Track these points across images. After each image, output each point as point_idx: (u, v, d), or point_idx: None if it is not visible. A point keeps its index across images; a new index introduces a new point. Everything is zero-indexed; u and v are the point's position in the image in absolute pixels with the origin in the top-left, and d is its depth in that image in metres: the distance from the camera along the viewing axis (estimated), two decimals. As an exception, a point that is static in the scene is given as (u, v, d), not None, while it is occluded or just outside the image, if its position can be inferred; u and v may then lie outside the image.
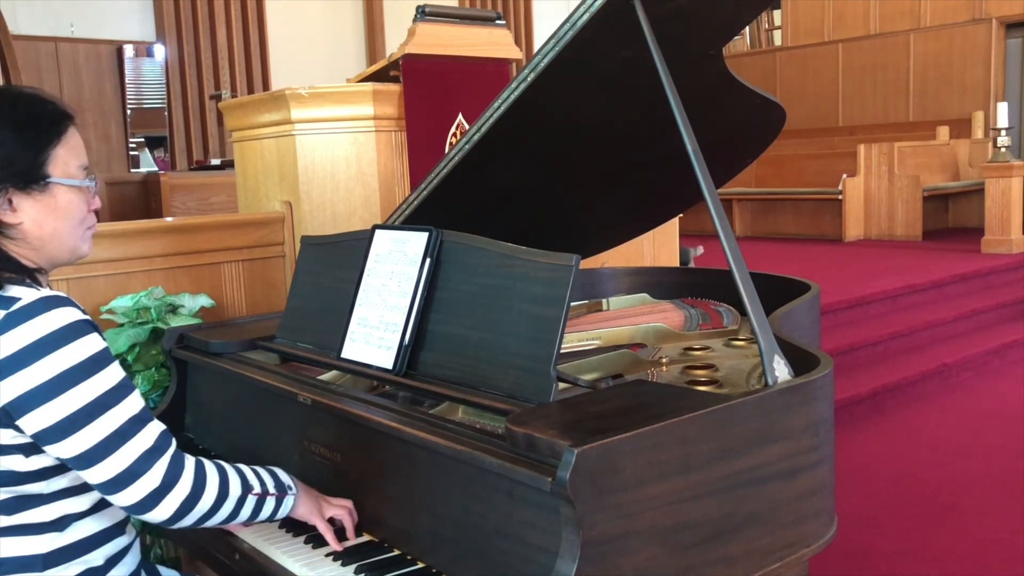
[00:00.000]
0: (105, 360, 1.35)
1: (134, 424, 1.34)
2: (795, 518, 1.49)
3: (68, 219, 1.43)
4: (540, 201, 2.28)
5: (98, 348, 1.35)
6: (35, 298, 1.32)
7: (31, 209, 1.39)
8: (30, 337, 1.29)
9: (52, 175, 1.40)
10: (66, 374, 1.30)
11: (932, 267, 6.69)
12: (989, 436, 4.20)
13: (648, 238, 3.78)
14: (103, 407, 1.32)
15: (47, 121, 1.41)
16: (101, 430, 1.31)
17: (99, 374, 1.33)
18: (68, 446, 1.31)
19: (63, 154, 1.41)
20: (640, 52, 1.72)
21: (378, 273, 1.86)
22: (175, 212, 5.80)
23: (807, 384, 1.51)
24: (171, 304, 2.58)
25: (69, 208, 1.42)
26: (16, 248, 1.39)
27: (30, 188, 1.38)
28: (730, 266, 1.60)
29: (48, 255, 1.43)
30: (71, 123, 1.45)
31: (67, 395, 1.30)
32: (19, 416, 1.30)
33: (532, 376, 1.51)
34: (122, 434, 1.33)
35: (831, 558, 2.89)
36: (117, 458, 1.32)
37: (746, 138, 2.44)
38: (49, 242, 1.42)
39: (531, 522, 1.29)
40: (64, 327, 1.31)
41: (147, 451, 1.34)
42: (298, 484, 1.57)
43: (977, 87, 10.28)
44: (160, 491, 1.34)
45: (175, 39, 8.56)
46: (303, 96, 2.91)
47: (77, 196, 1.44)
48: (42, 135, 1.40)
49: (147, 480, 1.33)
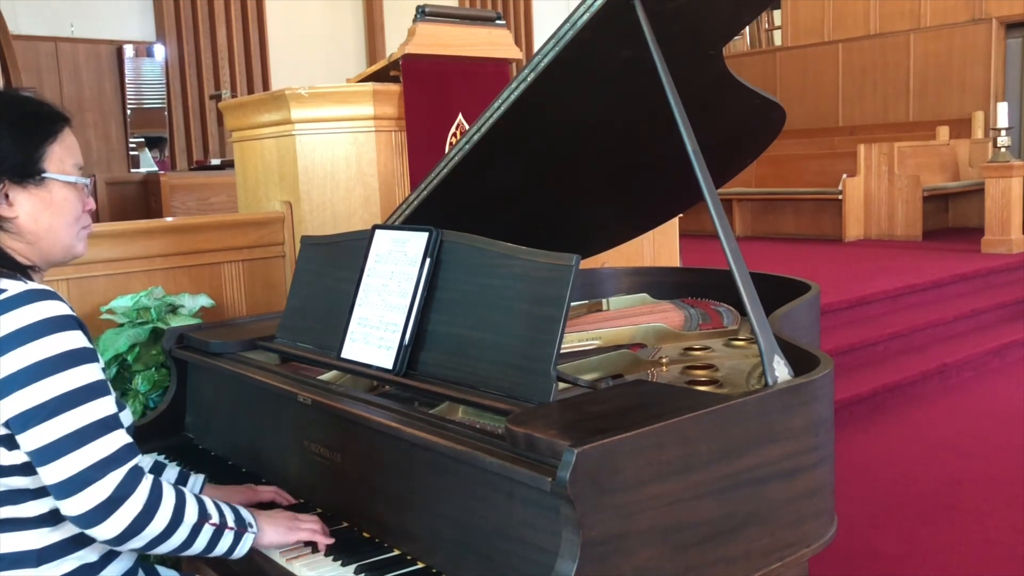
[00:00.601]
0: (83, 359, 1.34)
1: (97, 429, 1.32)
2: (795, 518, 1.49)
3: (63, 215, 1.45)
4: (540, 201, 2.28)
5: (77, 344, 1.34)
6: (21, 290, 1.33)
7: (27, 203, 1.41)
8: (11, 326, 1.30)
9: (48, 170, 1.42)
10: (41, 363, 1.30)
11: (932, 267, 6.69)
12: (989, 436, 4.20)
13: (648, 238, 3.78)
14: (69, 403, 1.31)
15: (44, 119, 1.45)
16: (63, 426, 1.30)
17: (73, 369, 1.32)
18: (30, 438, 1.30)
19: (59, 151, 1.44)
20: (640, 52, 1.72)
21: (378, 273, 1.86)
22: (175, 212, 5.80)
23: (807, 384, 1.51)
24: (171, 304, 2.58)
25: (64, 204, 1.45)
26: (11, 243, 1.41)
27: (26, 182, 1.41)
28: (730, 266, 1.60)
29: (43, 252, 1.45)
30: (67, 124, 1.48)
31: (37, 385, 1.29)
32: None
33: (532, 376, 1.51)
34: (82, 435, 1.30)
35: (831, 558, 2.89)
36: (72, 459, 1.29)
37: (746, 138, 2.44)
38: (44, 237, 1.43)
39: (531, 522, 1.29)
40: (46, 319, 1.32)
41: (104, 459, 1.31)
42: (260, 519, 1.52)
43: (977, 87, 10.28)
44: (110, 504, 1.29)
45: (175, 39, 8.57)
46: (303, 96, 2.91)
47: (72, 193, 1.46)
48: (39, 131, 1.43)
49: (97, 489, 1.29)
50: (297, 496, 1.76)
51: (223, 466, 2.00)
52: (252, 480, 1.86)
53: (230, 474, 1.94)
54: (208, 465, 1.99)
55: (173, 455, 2.07)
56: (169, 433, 2.17)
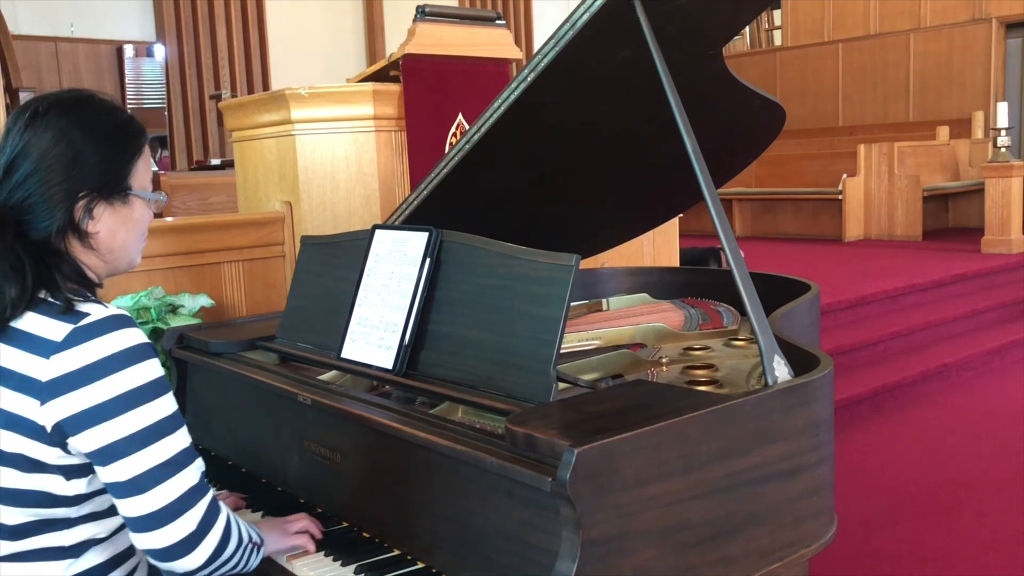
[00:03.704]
0: (164, 387, 1.32)
1: (186, 456, 1.31)
2: (795, 518, 1.49)
3: (137, 231, 1.43)
4: (540, 201, 2.28)
5: (159, 374, 1.32)
6: (105, 315, 1.29)
7: (109, 219, 1.38)
8: (96, 355, 1.26)
9: (133, 187, 1.41)
10: (128, 395, 1.27)
11: (932, 267, 6.69)
12: (989, 436, 4.20)
13: (648, 238, 3.78)
14: (159, 434, 1.28)
15: (132, 133, 1.42)
16: (154, 457, 1.27)
17: (158, 400, 1.30)
18: (118, 470, 1.26)
19: (143, 167, 1.43)
20: (640, 52, 1.72)
21: (378, 273, 1.86)
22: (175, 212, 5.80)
23: (807, 384, 1.51)
24: (171, 304, 2.58)
25: (141, 220, 1.44)
26: (87, 259, 1.38)
27: (112, 199, 1.38)
28: (730, 266, 1.60)
29: (112, 266, 1.42)
30: (147, 140, 1.46)
31: (126, 416, 1.26)
32: (73, 433, 1.26)
33: (532, 376, 1.51)
34: (173, 464, 1.29)
35: (831, 558, 2.89)
36: (164, 489, 1.27)
37: (746, 138, 2.44)
38: (118, 253, 1.41)
39: (531, 522, 1.29)
40: (130, 348, 1.28)
41: (191, 489, 1.30)
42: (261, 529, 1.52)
43: (977, 87, 10.28)
44: (197, 535, 1.29)
45: (175, 39, 8.57)
46: (303, 96, 2.91)
47: (148, 209, 1.45)
48: (129, 147, 1.41)
49: (186, 521, 1.28)
50: (297, 496, 1.76)
51: (223, 466, 2.00)
52: (252, 480, 1.87)
53: (230, 474, 1.94)
54: (208, 465, 1.98)
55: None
56: (169, 433, 2.17)
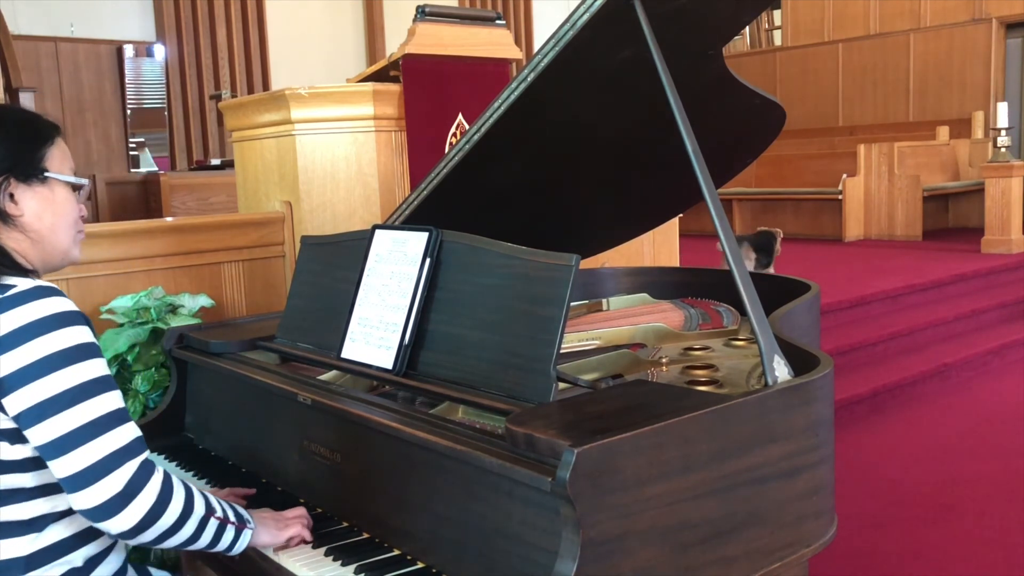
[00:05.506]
0: (91, 353, 1.36)
1: (111, 420, 1.34)
2: (795, 518, 1.49)
3: (63, 215, 1.49)
4: (540, 201, 2.28)
5: (86, 339, 1.36)
6: (29, 286, 1.36)
7: (32, 202, 1.45)
8: (21, 320, 1.32)
9: (50, 170, 1.47)
10: (51, 357, 1.32)
11: (932, 267, 6.69)
12: (989, 436, 4.20)
13: (648, 238, 3.78)
14: (83, 395, 1.32)
15: (41, 125, 1.52)
16: (77, 418, 1.31)
17: (84, 363, 1.34)
18: (43, 430, 1.31)
19: (58, 154, 1.50)
20: (640, 52, 1.73)
21: (378, 273, 1.86)
22: (175, 212, 5.81)
23: (807, 384, 1.51)
24: (171, 304, 2.58)
25: (65, 205, 1.50)
26: (15, 244, 1.44)
27: (31, 181, 1.45)
28: (730, 266, 1.60)
29: (44, 253, 1.48)
30: (60, 134, 1.54)
31: (49, 378, 1.31)
32: (3, 396, 1.31)
33: (532, 376, 1.51)
34: (97, 426, 1.32)
35: (831, 558, 2.89)
36: (87, 450, 1.30)
37: (746, 138, 2.44)
38: (47, 237, 1.47)
39: (531, 522, 1.29)
40: (55, 314, 1.34)
41: (118, 450, 1.32)
42: (255, 517, 1.53)
43: (977, 87, 10.28)
44: (124, 495, 1.31)
45: (175, 39, 8.56)
46: (303, 96, 2.91)
47: (71, 195, 1.52)
48: (40, 134, 1.49)
49: (113, 480, 1.30)
50: (297, 496, 1.76)
51: (223, 466, 2.00)
52: (252, 480, 1.87)
53: (230, 474, 1.94)
54: (208, 465, 2.00)
55: (173, 455, 2.07)
56: (169, 433, 2.17)
